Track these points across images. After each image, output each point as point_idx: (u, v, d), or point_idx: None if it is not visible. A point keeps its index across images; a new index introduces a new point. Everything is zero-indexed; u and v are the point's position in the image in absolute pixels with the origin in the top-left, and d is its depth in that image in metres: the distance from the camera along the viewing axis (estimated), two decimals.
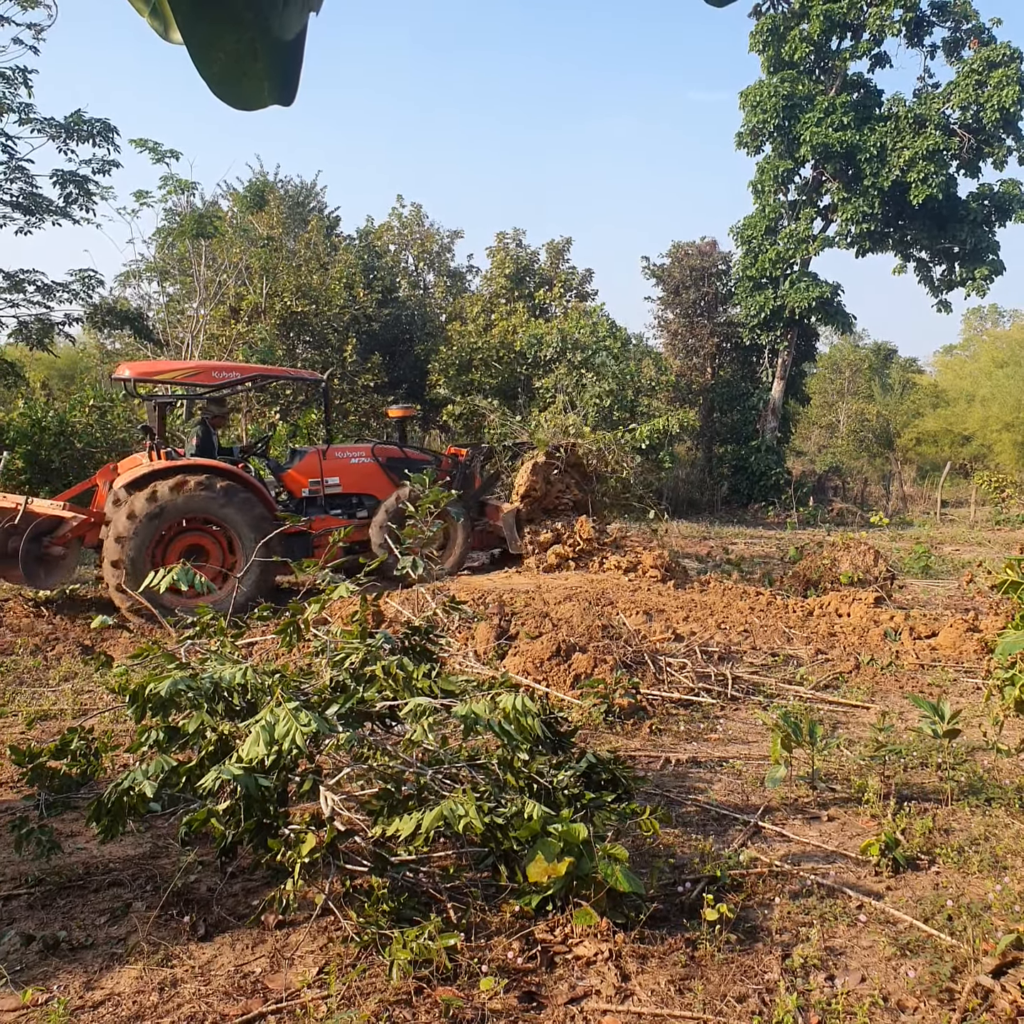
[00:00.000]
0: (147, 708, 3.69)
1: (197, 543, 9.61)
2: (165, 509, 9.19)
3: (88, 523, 9.56)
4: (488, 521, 12.02)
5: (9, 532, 9.15)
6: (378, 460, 11.27)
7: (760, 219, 27.17)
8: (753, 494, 27.13)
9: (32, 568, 9.20)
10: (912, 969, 3.12)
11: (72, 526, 9.42)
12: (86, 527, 9.56)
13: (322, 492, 10.91)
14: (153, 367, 10.75)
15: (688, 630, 8.58)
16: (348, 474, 11.10)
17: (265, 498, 9.89)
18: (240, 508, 9.47)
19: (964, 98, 24.55)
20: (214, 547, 9.63)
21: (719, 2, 1.44)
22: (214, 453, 10.31)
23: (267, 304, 22.79)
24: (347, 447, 11.66)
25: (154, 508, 9.13)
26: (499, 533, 11.85)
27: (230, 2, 1.20)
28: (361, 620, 4.38)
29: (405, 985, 2.93)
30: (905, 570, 13.29)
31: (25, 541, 9.07)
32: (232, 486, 9.51)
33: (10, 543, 9.14)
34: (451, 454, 12.23)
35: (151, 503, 9.13)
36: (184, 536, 9.54)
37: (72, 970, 3.14)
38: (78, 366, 32.71)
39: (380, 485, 11.12)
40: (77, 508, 9.71)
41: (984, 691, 6.43)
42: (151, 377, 10.41)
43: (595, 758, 4.06)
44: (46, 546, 9.34)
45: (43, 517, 9.34)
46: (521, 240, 27.48)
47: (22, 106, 17.68)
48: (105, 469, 10.20)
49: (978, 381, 35.99)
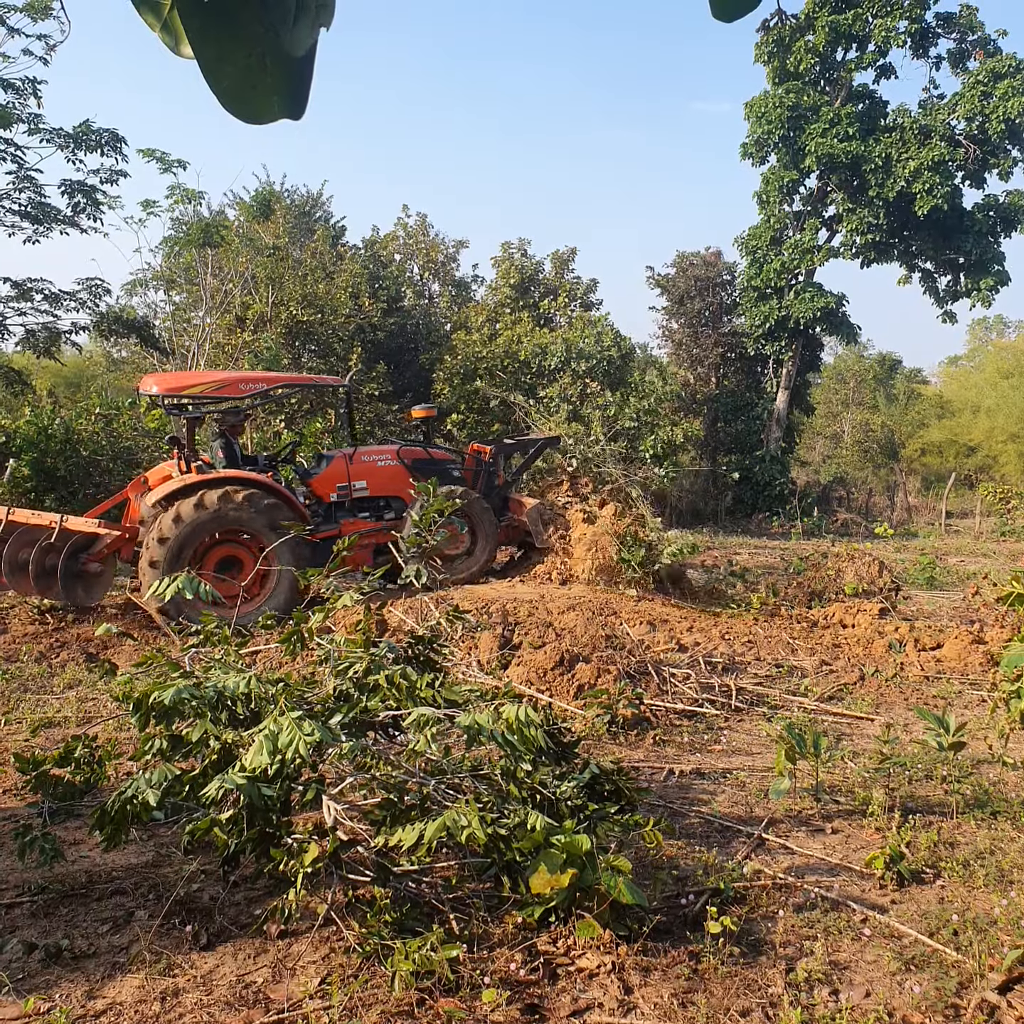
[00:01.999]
0: (151, 716, 3.69)
1: (231, 554, 9.65)
2: (192, 528, 9.20)
3: (123, 538, 9.68)
4: (512, 516, 11.99)
5: (47, 550, 9.22)
6: (404, 462, 11.29)
7: (765, 229, 27.22)
8: (757, 504, 27.12)
9: (71, 585, 9.30)
10: (917, 984, 3.10)
11: (107, 542, 9.54)
12: (121, 542, 9.68)
13: (350, 496, 10.95)
14: (180, 381, 10.71)
15: (692, 640, 8.56)
16: (375, 477, 11.14)
17: (293, 504, 9.95)
18: (265, 516, 9.49)
19: (969, 109, 24.59)
20: (249, 558, 9.63)
21: (727, 17, 1.45)
22: (238, 462, 10.38)
23: (273, 313, 22.86)
24: (373, 450, 11.65)
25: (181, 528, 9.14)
26: (524, 528, 11.83)
27: (241, 17, 1.21)
28: (365, 629, 4.38)
29: (407, 996, 2.92)
30: (910, 581, 13.26)
31: (64, 559, 9.19)
32: (255, 494, 9.53)
33: (47, 561, 9.23)
34: (474, 452, 12.22)
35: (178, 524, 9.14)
36: (219, 547, 9.59)
37: (74, 979, 3.13)
38: (84, 374, 32.82)
39: (407, 487, 11.09)
40: (111, 524, 9.83)
41: (989, 703, 6.41)
42: (179, 392, 10.38)
43: (598, 769, 4.05)
44: (83, 563, 9.46)
45: (79, 534, 9.43)
46: (526, 250, 27.57)
47: (31, 116, 17.80)
48: (136, 482, 10.28)
49: (983, 392, 35.98)
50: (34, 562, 9.12)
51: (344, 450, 11.35)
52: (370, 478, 11.08)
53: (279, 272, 23.46)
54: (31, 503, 14.62)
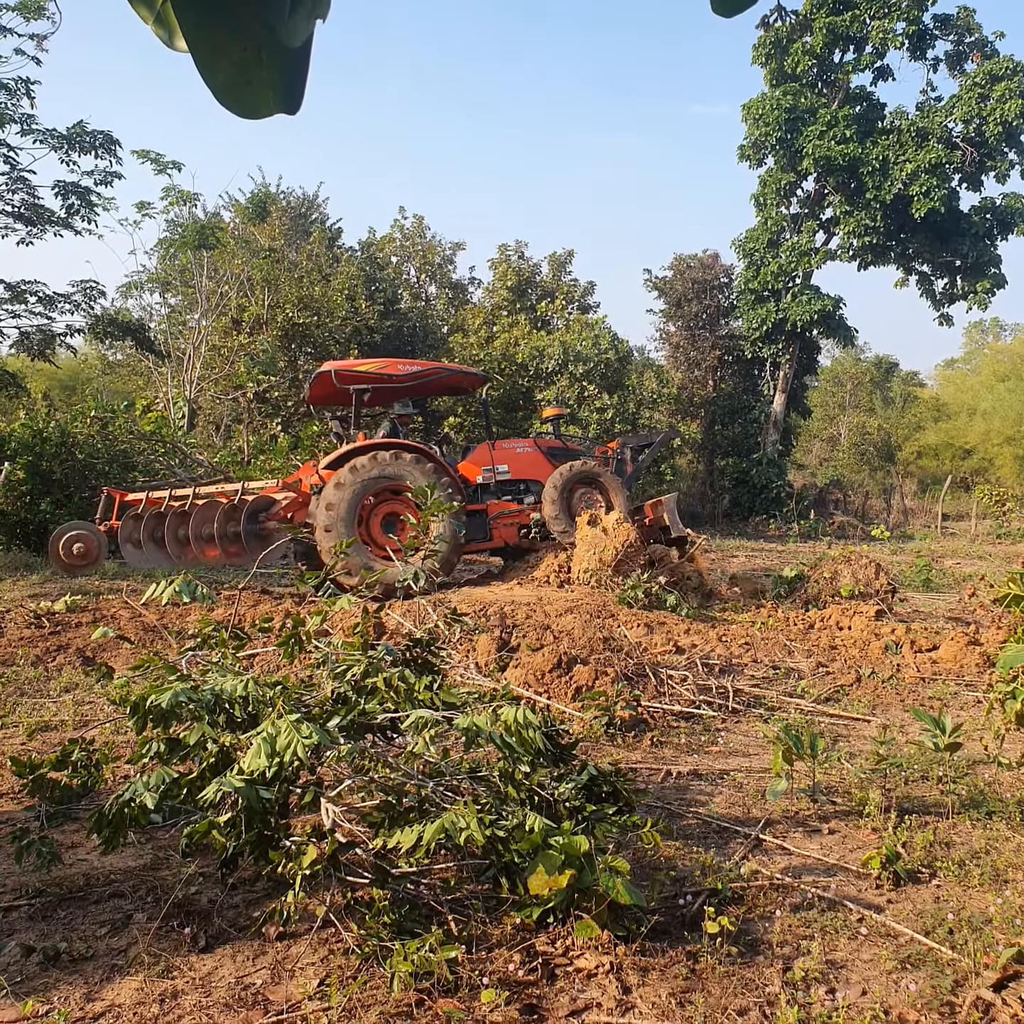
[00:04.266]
0: (148, 720, 3.68)
1: (396, 511, 10.98)
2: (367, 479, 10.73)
3: (297, 502, 10.86)
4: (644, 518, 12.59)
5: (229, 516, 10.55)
6: (541, 449, 12.60)
7: (762, 232, 27.27)
8: (754, 507, 27.14)
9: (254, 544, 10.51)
10: (913, 983, 3.10)
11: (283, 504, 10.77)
12: (296, 505, 10.86)
13: (494, 478, 12.24)
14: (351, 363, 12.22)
15: (689, 643, 8.57)
16: (515, 462, 12.44)
17: (450, 472, 11.35)
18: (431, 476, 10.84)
19: (967, 111, 24.65)
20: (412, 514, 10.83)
21: (727, 12, 1.45)
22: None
23: (269, 315, 22.86)
24: (512, 440, 13.15)
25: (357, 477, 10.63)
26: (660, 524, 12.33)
27: (236, 10, 1.20)
28: (362, 632, 4.38)
29: (406, 997, 2.92)
30: (906, 583, 13.28)
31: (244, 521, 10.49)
32: (420, 457, 11.04)
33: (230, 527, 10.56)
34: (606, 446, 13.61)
35: (354, 473, 10.63)
36: (384, 506, 10.99)
37: (73, 981, 3.13)
38: (79, 377, 32.81)
39: (544, 471, 12.35)
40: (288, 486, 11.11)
41: (985, 704, 6.42)
42: (350, 370, 11.71)
43: (596, 771, 4.05)
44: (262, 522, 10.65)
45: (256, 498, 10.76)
46: (523, 252, 27.61)
47: (24, 117, 17.79)
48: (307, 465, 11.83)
49: (979, 395, 36.07)
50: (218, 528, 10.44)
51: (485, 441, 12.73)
52: (511, 463, 12.41)
53: (275, 274, 23.46)
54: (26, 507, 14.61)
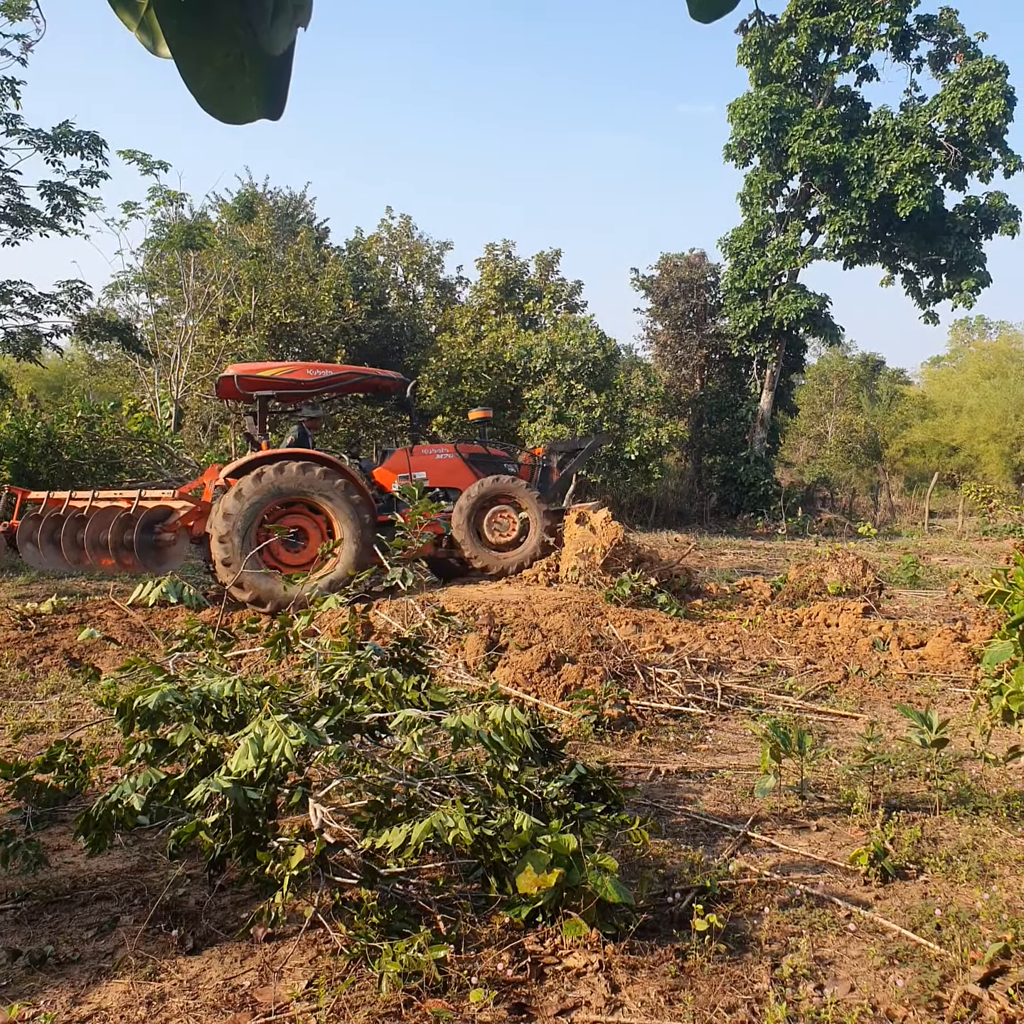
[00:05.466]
0: (135, 721, 3.67)
1: (298, 524, 10.54)
2: (270, 492, 10.17)
3: (196, 512, 10.39)
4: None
5: (125, 524, 10.03)
6: (461, 456, 12.08)
7: (748, 231, 27.34)
8: (742, 505, 27.22)
9: (147, 555, 10.05)
10: (901, 978, 3.12)
11: (181, 514, 10.28)
12: (194, 516, 10.39)
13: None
14: (255, 367, 11.70)
15: (677, 640, 8.59)
16: (435, 469, 11.91)
17: (360, 487, 10.76)
18: (339, 492, 10.37)
19: (950, 111, 24.77)
20: (314, 530, 10.50)
21: (705, 18, 1.46)
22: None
23: (256, 315, 22.79)
24: (432, 445, 12.57)
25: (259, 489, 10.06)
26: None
27: (219, 17, 1.21)
28: (350, 632, 4.37)
29: (395, 997, 2.92)
30: (893, 580, 13.34)
31: (138, 531, 9.96)
32: (331, 471, 10.46)
33: (125, 535, 10.04)
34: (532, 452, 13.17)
35: (256, 484, 10.06)
36: (286, 519, 10.49)
37: (59, 985, 3.11)
38: (66, 377, 32.65)
39: (465, 479, 11.88)
40: (186, 497, 10.59)
41: (972, 701, 6.46)
42: (254, 375, 11.21)
43: (585, 769, 4.06)
44: (158, 533, 10.20)
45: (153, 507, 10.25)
46: (511, 252, 27.59)
47: (9, 117, 17.70)
48: (211, 469, 11.21)
49: (965, 392, 36.24)
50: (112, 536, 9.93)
51: (405, 446, 12.15)
52: (430, 470, 11.86)
53: (262, 274, 23.40)
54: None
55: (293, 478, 10.22)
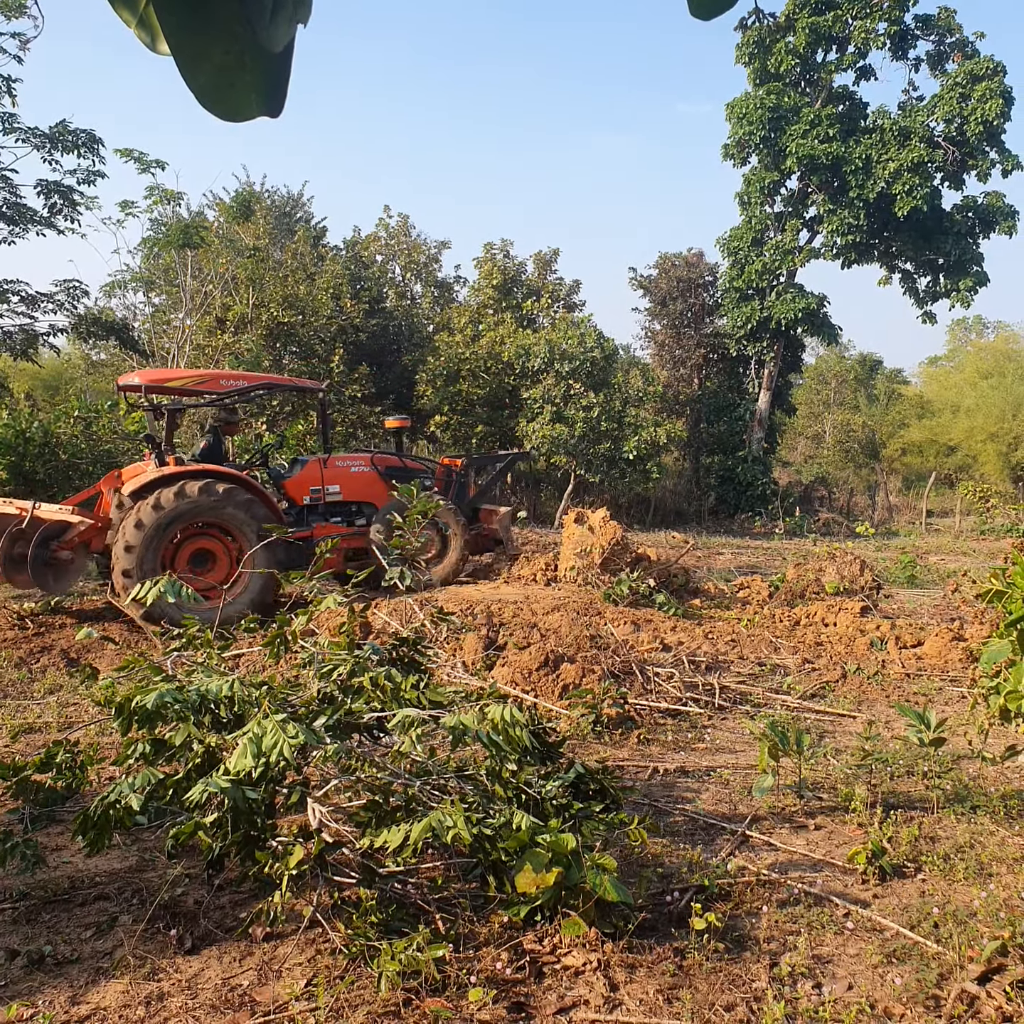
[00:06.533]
0: (133, 721, 3.67)
1: (206, 548, 9.76)
2: (171, 516, 9.28)
3: (95, 528, 9.61)
4: (483, 524, 12.26)
5: (16, 537, 9.11)
6: (377, 469, 11.49)
7: (746, 230, 27.33)
8: (740, 505, 27.20)
9: (41, 573, 9.19)
10: (899, 976, 3.13)
11: (79, 530, 9.43)
12: (93, 532, 9.61)
13: (323, 500, 11.11)
14: (164, 375, 10.95)
15: (675, 640, 8.59)
16: (348, 482, 11.31)
17: (270, 503, 10.08)
18: (244, 511, 9.60)
19: (948, 111, 24.76)
20: (223, 553, 9.79)
21: (705, 15, 1.45)
22: (222, 460, 10.52)
23: (253, 315, 22.77)
24: (347, 456, 11.84)
25: (161, 516, 9.21)
26: (495, 536, 12.12)
27: (218, 14, 1.21)
28: (348, 631, 4.37)
29: (393, 997, 2.92)
30: (891, 580, 13.35)
31: (33, 546, 9.05)
32: (235, 489, 9.63)
33: (16, 548, 9.12)
34: (446, 464, 12.42)
35: (157, 511, 9.21)
36: (193, 541, 9.69)
37: (58, 985, 3.11)
38: (63, 377, 32.59)
39: (379, 493, 11.32)
40: (84, 512, 9.77)
41: (969, 700, 6.47)
42: (162, 384, 10.56)
43: (583, 768, 4.06)
44: (54, 550, 9.34)
45: (50, 522, 9.32)
46: (509, 251, 27.55)
47: (6, 115, 17.68)
48: (109, 476, 10.25)
49: (963, 392, 36.25)
50: (2, 550, 9.00)
51: (319, 455, 11.52)
52: (343, 483, 11.26)
53: (259, 273, 23.37)
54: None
55: (196, 498, 9.38)
